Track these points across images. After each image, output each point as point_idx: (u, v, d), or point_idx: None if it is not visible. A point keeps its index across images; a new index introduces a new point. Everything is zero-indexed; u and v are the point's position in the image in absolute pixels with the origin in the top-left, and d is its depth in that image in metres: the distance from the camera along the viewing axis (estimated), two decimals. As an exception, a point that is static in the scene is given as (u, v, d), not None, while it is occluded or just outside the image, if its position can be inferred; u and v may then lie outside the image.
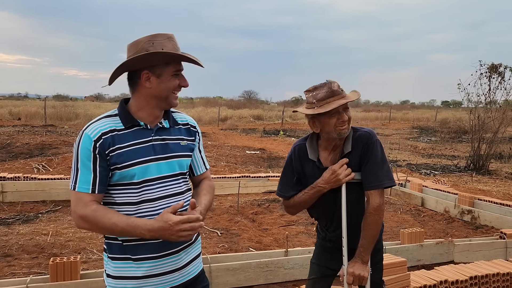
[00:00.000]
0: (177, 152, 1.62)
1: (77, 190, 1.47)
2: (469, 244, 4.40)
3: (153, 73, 1.53)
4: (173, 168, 1.60)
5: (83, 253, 4.36)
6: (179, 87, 1.59)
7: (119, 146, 1.50)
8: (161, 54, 1.50)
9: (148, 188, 1.53)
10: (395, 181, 2.07)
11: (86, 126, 1.53)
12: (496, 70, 10.18)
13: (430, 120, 28.66)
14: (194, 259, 1.70)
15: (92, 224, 1.46)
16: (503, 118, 10.38)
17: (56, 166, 8.90)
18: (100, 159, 1.47)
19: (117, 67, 1.53)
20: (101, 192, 1.50)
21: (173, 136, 1.64)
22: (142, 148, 1.54)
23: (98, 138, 1.48)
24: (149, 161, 1.53)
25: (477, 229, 5.61)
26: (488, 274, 3.51)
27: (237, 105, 37.56)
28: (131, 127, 1.55)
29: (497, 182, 9.13)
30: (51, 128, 15.87)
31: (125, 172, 1.50)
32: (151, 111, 1.58)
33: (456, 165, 11.27)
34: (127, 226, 1.44)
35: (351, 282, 1.95)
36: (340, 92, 1.93)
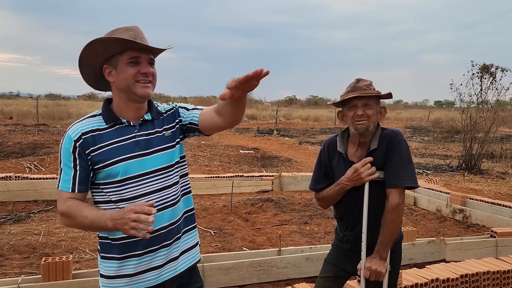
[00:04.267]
0: (162, 144, 1.58)
1: (59, 188, 1.50)
2: (460, 243, 4.44)
3: (111, 65, 1.52)
4: (159, 162, 1.56)
5: (75, 253, 4.34)
6: (141, 74, 1.51)
7: (100, 145, 1.49)
8: (100, 42, 1.46)
9: (131, 185, 1.51)
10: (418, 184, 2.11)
11: (70, 126, 1.55)
12: (488, 71, 10.26)
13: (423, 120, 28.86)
14: (188, 249, 1.69)
15: (69, 219, 1.48)
16: (494, 118, 10.48)
17: (48, 166, 8.84)
18: (80, 159, 1.48)
19: (78, 64, 1.53)
20: (82, 192, 1.51)
21: (157, 128, 1.60)
22: (124, 146, 1.52)
23: (78, 138, 1.49)
24: (131, 158, 1.51)
25: (468, 228, 5.66)
26: (479, 272, 3.54)
27: (231, 104, 37.41)
28: (114, 126, 1.54)
29: (489, 181, 9.22)
30: (43, 127, 15.76)
31: (109, 171, 1.49)
32: (127, 107, 1.56)
33: (449, 164, 11.35)
34: (95, 217, 1.43)
35: (367, 276, 1.99)
36: (364, 89, 2.00)
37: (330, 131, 20.63)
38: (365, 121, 1.98)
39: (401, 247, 2.24)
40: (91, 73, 1.57)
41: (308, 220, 5.86)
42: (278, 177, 7.74)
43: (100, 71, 1.56)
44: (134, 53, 1.49)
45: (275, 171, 8.59)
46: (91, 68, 1.55)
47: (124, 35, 1.46)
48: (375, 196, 2.03)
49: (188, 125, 1.67)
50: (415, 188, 2.08)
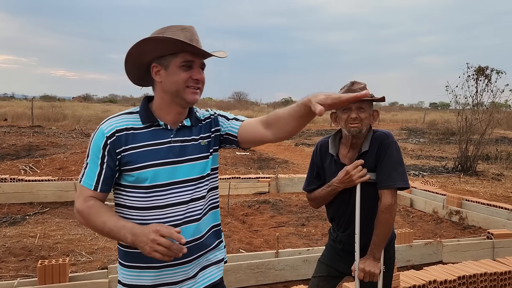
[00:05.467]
0: (196, 154, 1.48)
1: (82, 183, 1.41)
2: (457, 244, 4.45)
3: (161, 65, 1.42)
4: (191, 172, 1.46)
5: (72, 256, 4.30)
6: (192, 80, 1.42)
7: (132, 145, 1.39)
8: (155, 41, 1.37)
9: (159, 193, 1.41)
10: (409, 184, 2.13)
11: (104, 121, 1.44)
12: (483, 73, 10.33)
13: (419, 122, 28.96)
14: (209, 265, 1.57)
15: (85, 220, 1.39)
16: (490, 120, 10.54)
17: (43, 168, 8.79)
18: (109, 157, 1.38)
19: (124, 61, 1.44)
20: (104, 192, 1.41)
21: (194, 136, 1.50)
22: (157, 150, 1.41)
23: (111, 134, 1.39)
24: (163, 164, 1.41)
25: (465, 230, 5.68)
26: (476, 274, 3.55)
27: (227, 106, 37.56)
28: (150, 126, 1.44)
29: (484, 183, 9.26)
30: (38, 129, 15.66)
31: (137, 175, 1.39)
32: (168, 109, 1.45)
33: (444, 166, 11.39)
34: (114, 226, 1.33)
35: (361, 277, 2.00)
36: (358, 91, 2.00)
37: (326, 133, 20.66)
38: (359, 124, 2.01)
39: (394, 247, 2.25)
40: (136, 69, 1.48)
41: (305, 222, 5.86)
42: (275, 179, 7.74)
43: (146, 68, 1.47)
44: (188, 57, 1.40)
45: (271, 173, 8.58)
46: (137, 65, 1.46)
47: (179, 36, 1.36)
48: (366, 197, 2.05)
49: (226, 135, 1.57)
50: (406, 188, 2.10)
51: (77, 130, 15.94)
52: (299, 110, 1.39)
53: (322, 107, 1.24)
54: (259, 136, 1.52)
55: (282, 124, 1.46)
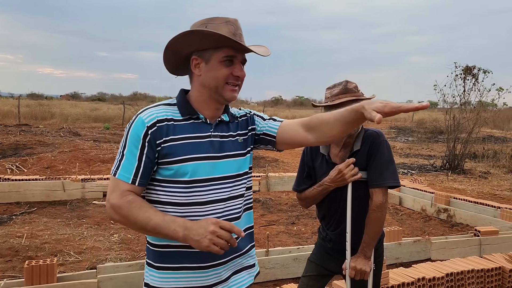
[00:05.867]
0: (234, 150, 1.43)
1: (117, 177, 1.31)
2: (445, 242, 4.50)
3: (202, 58, 1.36)
4: (229, 169, 1.41)
5: (60, 256, 4.26)
6: (233, 77, 1.36)
7: (173, 137, 1.33)
8: (198, 34, 1.31)
9: (200, 189, 1.35)
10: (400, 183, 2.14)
11: (142, 110, 1.37)
12: (471, 72, 10.46)
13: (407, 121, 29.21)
14: (241, 270, 1.50)
15: (124, 216, 1.28)
16: (477, 118, 10.68)
17: (31, 167, 8.67)
18: (149, 148, 1.30)
19: (164, 49, 1.37)
20: (141, 186, 1.33)
21: (232, 132, 1.46)
22: (198, 144, 1.35)
23: (152, 124, 1.31)
24: (203, 159, 1.35)
25: (452, 227, 5.75)
26: (464, 271, 3.59)
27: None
28: (189, 119, 1.38)
29: (472, 181, 9.38)
30: (25, 128, 15.45)
31: (176, 168, 1.32)
32: (206, 104, 1.40)
33: (433, 164, 11.52)
34: (162, 221, 1.25)
35: (353, 276, 2.01)
36: (354, 91, 2.04)
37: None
38: None
39: (383, 245, 2.27)
40: (174, 59, 1.42)
41: (295, 220, 5.87)
42: (265, 178, 7.74)
43: (184, 60, 1.41)
44: (230, 52, 1.35)
45: (262, 172, 8.58)
46: (176, 55, 1.40)
47: (223, 29, 1.31)
48: (357, 196, 2.05)
49: (262, 135, 1.53)
50: (397, 187, 2.11)
51: (65, 129, 15.76)
52: (348, 116, 1.35)
53: (380, 115, 1.21)
54: (299, 138, 1.48)
55: (326, 129, 1.42)
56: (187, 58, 1.40)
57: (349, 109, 1.34)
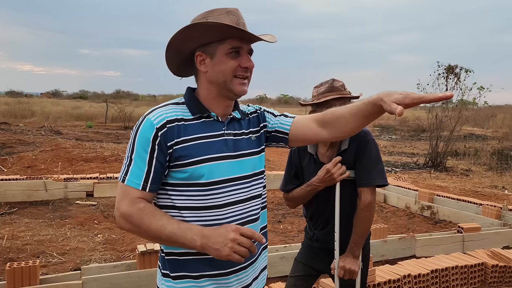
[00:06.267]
0: (248, 149, 1.36)
1: (126, 183, 1.22)
2: (429, 238, 4.56)
3: (206, 53, 1.28)
4: (245, 168, 1.33)
5: (42, 257, 4.17)
6: (241, 69, 1.28)
7: (185, 138, 1.24)
8: (200, 27, 1.22)
9: (217, 191, 1.27)
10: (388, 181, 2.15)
11: (150, 111, 1.28)
12: (453, 71, 10.64)
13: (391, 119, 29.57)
14: (260, 274, 1.43)
15: (135, 225, 1.20)
16: (459, 117, 10.87)
17: (11, 166, 8.47)
18: (159, 151, 1.22)
19: (165, 50, 1.30)
20: (152, 191, 1.24)
21: (244, 129, 1.38)
22: (212, 143, 1.28)
23: (162, 126, 1.22)
24: (218, 159, 1.27)
25: (436, 224, 5.84)
26: (448, 267, 3.65)
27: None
28: (200, 118, 1.30)
29: (454, 178, 9.54)
30: (4, 126, 15.10)
31: (191, 170, 1.24)
32: (216, 102, 1.32)
33: (416, 162, 11.68)
34: (177, 229, 1.18)
35: (341, 275, 2.01)
36: (340, 89, 2.03)
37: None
38: None
39: (369, 243, 2.27)
40: (177, 58, 1.34)
41: (282, 218, 5.88)
42: (251, 176, 7.71)
43: (188, 58, 1.33)
44: (236, 42, 1.26)
45: (247, 170, 8.56)
46: (179, 54, 1.32)
47: (225, 19, 1.23)
48: (345, 195, 2.05)
49: (274, 133, 1.46)
50: (385, 186, 2.12)
51: (46, 127, 15.46)
52: (365, 109, 1.28)
53: (401, 107, 1.12)
54: (313, 134, 1.42)
55: (341, 123, 1.36)
56: (190, 56, 1.32)
57: (366, 102, 1.27)
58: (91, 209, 5.97)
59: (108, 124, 20.38)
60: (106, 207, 6.07)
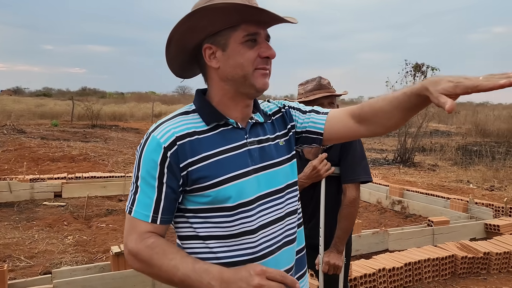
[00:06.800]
0: (278, 157, 1.14)
1: (133, 215, 1.03)
2: (401, 233, 4.67)
3: (216, 45, 1.05)
4: (277, 180, 1.12)
5: (9, 261, 3.99)
6: (261, 60, 1.05)
7: (201, 156, 1.03)
8: (207, 12, 0.99)
9: (247, 214, 1.05)
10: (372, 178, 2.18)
11: (154, 126, 1.06)
12: (420, 69, 10.94)
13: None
14: None
15: (145, 264, 1.01)
16: (425, 114, 11.20)
17: (-29, 167, 8.08)
18: (170, 176, 1.01)
19: (166, 45, 1.07)
20: (165, 223, 1.04)
21: (269, 134, 1.16)
22: (235, 157, 1.06)
23: (170, 144, 1.01)
24: (245, 175, 1.06)
25: (406, 218, 5.99)
26: (420, 260, 3.76)
27: (171, 100, 36.79)
28: (216, 128, 1.07)
29: (421, 173, 9.83)
30: (-37, 125, 14.40)
31: (215, 193, 1.03)
32: (234, 103, 1.10)
33: (385, 158, 11.96)
34: (192, 272, 0.96)
35: (326, 270, 2.02)
36: (328, 87, 2.06)
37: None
38: None
39: (351, 238, 2.30)
40: (179, 55, 1.11)
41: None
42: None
43: (192, 53, 1.10)
44: (251, 28, 1.03)
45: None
46: (181, 49, 1.09)
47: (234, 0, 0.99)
48: (329, 191, 2.07)
49: (305, 133, 1.23)
50: (369, 182, 2.14)
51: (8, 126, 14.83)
52: (408, 101, 1.07)
53: (451, 101, 0.91)
54: (350, 132, 1.21)
55: (382, 119, 1.15)
56: (195, 51, 1.10)
57: (408, 93, 1.06)
58: (59, 210, 5.77)
59: (74, 122, 19.78)
60: (76, 208, 5.88)
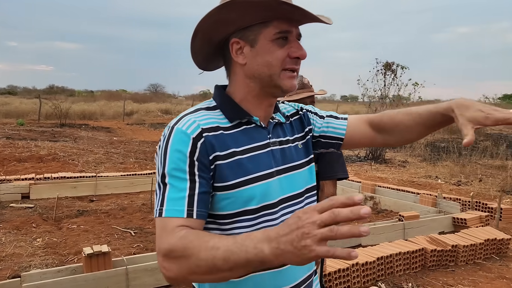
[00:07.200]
0: (297, 160, 1.10)
1: (164, 215, 0.90)
2: (373, 228, 4.77)
3: (245, 40, 1.00)
4: (297, 184, 1.08)
5: (-26, 266, 3.83)
6: (291, 60, 1.00)
7: (226, 152, 0.97)
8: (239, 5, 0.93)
9: (270, 217, 1.00)
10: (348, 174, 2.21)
11: (175, 120, 0.99)
12: (390, 68, 11.20)
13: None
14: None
15: (182, 260, 0.83)
16: (396, 111, 11.47)
17: None
18: (201, 166, 0.93)
19: (192, 36, 1.01)
20: (201, 218, 0.92)
21: (288, 136, 1.12)
22: (259, 157, 1.01)
23: (198, 135, 0.94)
24: (269, 176, 1.01)
25: (378, 214, 6.12)
26: (392, 254, 3.85)
27: (142, 98, 36.15)
28: (239, 125, 1.02)
29: (392, 169, 10.07)
30: None
31: (238, 194, 0.96)
32: (258, 102, 1.05)
33: (357, 155, 12.18)
34: (234, 245, 0.79)
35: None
36: (309, 87, 2.09)
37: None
38: None
39: None
40: (205, 47, 1.06)
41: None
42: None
43: (218, 46, 1.06)
44: (284, 25, 0.98)
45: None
46: (207, 41, 1.05)
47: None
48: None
49: (324, 138, 1.19)
50: (346, 178, 2.18)
51: (-29, 125, 14.24)
52: (432, 119, 1.07)
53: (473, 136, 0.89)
54: (367, 139, 1.20)
55: (403, 131, 1.15)
56: (221, 44, 1.05)
57: (433, 111, 1.06)
58: (27, 212, 5.59)
59: (42, 121, 19.18)
60: (45, 209, 5.71)
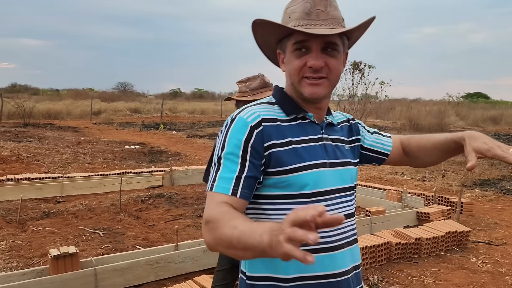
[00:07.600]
0: (346, 158, 1.20)
1: (214, 190, 1.04)
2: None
3: (282, 50, 1.15)
4: (345, 179, 1.17)
5: None
6: (308, 69, 1.08)
7: (284, 140, 1.09)
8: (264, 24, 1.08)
9: (322, 203, 1.09)
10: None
11: (240, 110, 1.13)
12: (358, 67, 11.46)
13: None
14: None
15: (212, 230, 0.94)
16: (364, 109, 11.77)
17: None
18: (253, 153, 1.05)
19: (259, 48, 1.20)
20: (244, 198, 1.04)
21: (339, 136, 1.22)
22: (312, 148, 1.12)
23: (257, 124, 1.07)
24: (321, 166, 1.11)
25: (347, 209, 6.27)
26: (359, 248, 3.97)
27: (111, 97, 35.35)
28: (295, 119, 1.14)
29: (361, 167, 10.30)
30: None
31: (293, 179, 1.07)
32: (305, 104, 1.17)
33: (326, 153, 12.42)
34: (248, 228, 0.85)
35: None
36: (271, 85, 2.11)
37: (218, 124, 20.87)
38: None
39: None
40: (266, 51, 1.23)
41: (202, 213, 5.86)
42: (169, 172, 7.58)
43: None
44: (300, 36, 1.07)
45: (164, 166, 8.39)
46: (269, 48, 1.21)
47: (298, 9, 1.07)
48: None
49: (372, 152, 1.31)
50: None
51: None
52: (447, 145, 1.22)
53: (475, 162, 1.04)
54: (397, 159, 1.34)
55: (423, 155, 1.30)
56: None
57: (449, 138, 1.20)
58: (-10, 214, 5.40)
59: (4, 121, 18.48)
60: (8, 212, 5.53)
